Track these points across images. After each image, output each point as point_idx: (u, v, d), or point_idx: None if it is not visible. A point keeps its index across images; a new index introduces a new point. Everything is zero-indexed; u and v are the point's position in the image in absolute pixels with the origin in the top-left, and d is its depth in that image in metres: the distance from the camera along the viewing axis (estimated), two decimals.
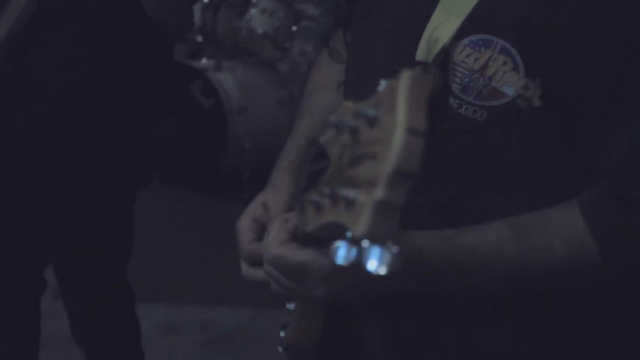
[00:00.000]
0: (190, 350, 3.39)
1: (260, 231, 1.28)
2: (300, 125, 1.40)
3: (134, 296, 2.54)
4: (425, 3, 1.13)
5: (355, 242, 0.70)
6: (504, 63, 1.07)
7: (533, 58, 1.05)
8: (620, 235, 1.05)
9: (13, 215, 2.32)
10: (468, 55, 1.08)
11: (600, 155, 1.07)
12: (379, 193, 0.66)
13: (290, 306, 1.33)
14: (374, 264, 0.69)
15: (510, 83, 1.06)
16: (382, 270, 0.69)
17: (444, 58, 1.09)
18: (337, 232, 0.72)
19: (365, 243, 0.68)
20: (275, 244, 1.09)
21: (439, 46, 1.10)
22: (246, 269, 1.28)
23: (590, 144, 1.07)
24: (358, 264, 0.70)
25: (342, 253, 0.72)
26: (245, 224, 1.29)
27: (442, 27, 1.10)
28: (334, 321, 1.22)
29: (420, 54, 1.12)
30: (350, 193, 0.69)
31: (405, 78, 0.70)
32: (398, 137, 0.66)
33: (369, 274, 1.00)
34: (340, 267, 0.98)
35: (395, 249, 0.68)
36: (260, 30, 4.56)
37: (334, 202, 0.72)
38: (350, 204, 0.69)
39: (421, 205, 1.09)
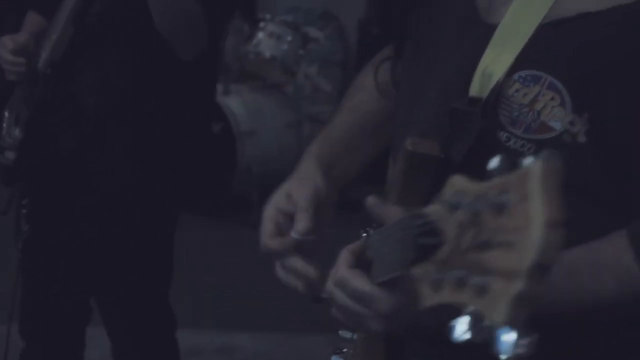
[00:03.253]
0: None
1: (283, 221, 1.32)
2: (337, 118, 1.45)
3: (175, 321, 2.52)
4: (474, 39, 1.17)
5: (477, 323, 0.74)
6: (552, 98, 1.10)
7: (580, 95, 1.08)
8: None
9: (59, 242, 2.31)
10: (517, 90, 1.11)
11: None
12: (519, 285, 0.68)
13: (346, 333, 1.35)
14: (505, 349, 0.72)
15: (557, 118, 1.09)
16: (516, 352, 0.72)
17: (499, 93, 1.12)
18: (454, 309, 0.75)
19: (497, 328, 0.71)
20: (344, 267, 1.12)
21: (493, 81, 1.13)
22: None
23: (637, 178, 1.09)
24: (487, 344, 0.73)
25: (460, 329, 0.76)
26: (269, 214, 1.34)
27: (496, 63, 1.13)
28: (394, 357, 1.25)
29: (474, 89, 1.15)
30: (482, 280, 0.71)
31: (538, 167, 0.71)
32: (538, 231, 0.68)
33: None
34: (400, 307, 1.04)
35: (527, 337, 0.72)
36: (268, 54, 4.57)
37: (458, 284, 0.74)
38: (482, 290, 0.71)
39: None
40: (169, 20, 2.10)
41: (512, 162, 0.74)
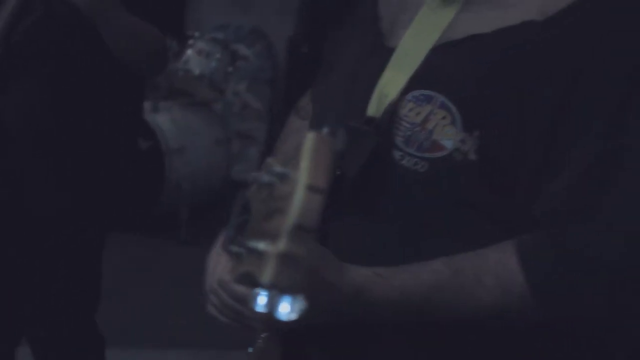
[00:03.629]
0: None
1: None
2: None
3: (103, 340, 2.51)
4: (376, 62, 1.21)
5: (267, 290, 0.78)
6: (444, 117, 1.13)
7: (471, 113, 1.12)
8: (550, 272, 1.11)
9: None
10: (411, 110, 1.15)
11: (534, 204, 1.12)
12: (281, 245, 0.75)
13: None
14: (284, 310, 0.77)
15: (448, 136, 1.13)
16: (292, 316, 0.77)
17: (392, 112, 1.16)
18: (254, 281, 0.80)
19: (274, 291, 0.76)
20: (226, 268, 1.15)
21: (387, 101, 1.17)
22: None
23: (524, 194, 1.13)
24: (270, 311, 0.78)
25: (259, 301, 0.79)
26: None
27: (391, 83, 1.18)
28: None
29: (371, 109, 1.19)
30: (261, 245, 0.77)
31: (309, 138, 0.78)
32: (299, 194, 0.75)
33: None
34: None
35: (300, 297, 0.76)
36: (197, 72, 4.57)
37: (249, 253, 0.80)
38: (260, 255, 0.77)
39: (367, 244, 1.17)
40: (126, 47, 2.12)
41: None
